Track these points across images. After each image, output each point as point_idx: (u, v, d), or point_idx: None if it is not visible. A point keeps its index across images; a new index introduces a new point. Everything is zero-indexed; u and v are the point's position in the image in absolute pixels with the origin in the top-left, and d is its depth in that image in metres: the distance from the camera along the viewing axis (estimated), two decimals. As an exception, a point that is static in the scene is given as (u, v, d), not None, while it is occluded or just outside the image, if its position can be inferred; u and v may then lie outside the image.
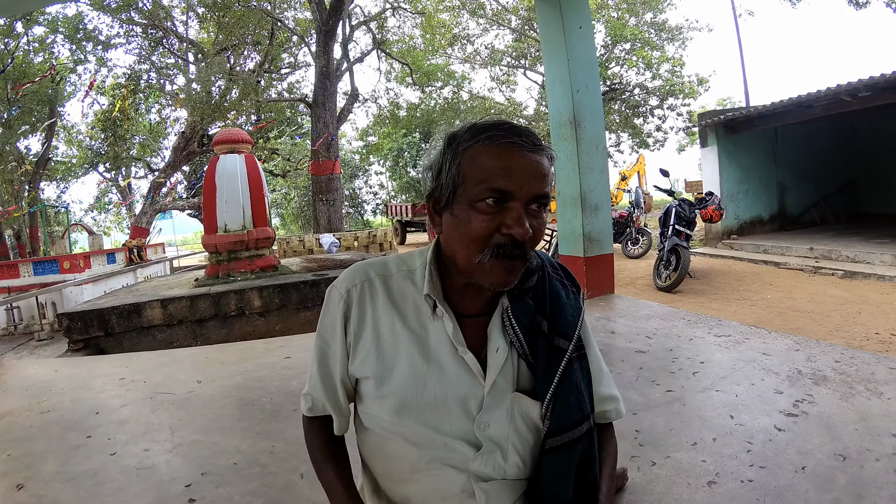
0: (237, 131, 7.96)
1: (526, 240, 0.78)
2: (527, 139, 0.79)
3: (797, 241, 9.54)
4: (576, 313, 0.89)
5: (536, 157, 0.79)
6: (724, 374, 3.01)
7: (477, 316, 0.87)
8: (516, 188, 0.77)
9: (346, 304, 0.90)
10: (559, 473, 0.84)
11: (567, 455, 0.84)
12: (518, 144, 0.79)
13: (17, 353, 8.30)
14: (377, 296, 0.90)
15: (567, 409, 0.83)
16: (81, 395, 3.44)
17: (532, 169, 0.78)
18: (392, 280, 0.91)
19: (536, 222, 0.79)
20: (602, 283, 5.16)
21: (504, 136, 0.79)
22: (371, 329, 0.88)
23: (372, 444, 0.90)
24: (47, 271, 11.51)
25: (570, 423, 0.83)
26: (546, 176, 0.80)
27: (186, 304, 6.02)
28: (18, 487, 2.24)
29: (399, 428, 0.85)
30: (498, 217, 0.78)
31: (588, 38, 5.02)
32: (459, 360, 0.84)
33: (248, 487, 2.12)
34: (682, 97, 22.41)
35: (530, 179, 0.78)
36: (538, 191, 0.78)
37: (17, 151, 18.11)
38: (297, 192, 27.91)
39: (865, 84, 7.54)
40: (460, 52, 24.81)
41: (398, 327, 0.87)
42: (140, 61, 18.02)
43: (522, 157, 0.78)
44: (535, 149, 0.80)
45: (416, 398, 0.84)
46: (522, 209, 0.78)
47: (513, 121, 0.85)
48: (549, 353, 0.84)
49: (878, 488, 1.83)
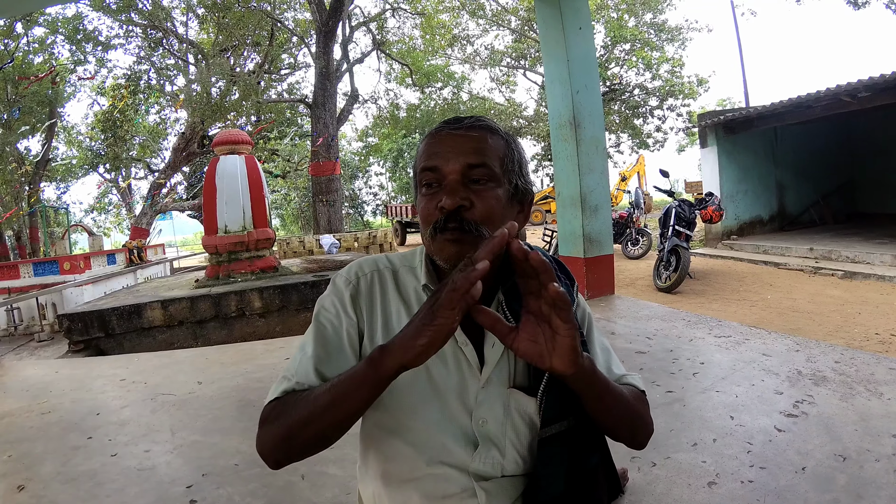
0: (237, 132, 7.97)
1: (458, 210, 0.79)
2: (458, 122, 0.83)
3: (797, 242, 9.54)
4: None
5: (467, 133, 0.82)
6: (724, 374, 3.01)
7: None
8: (442, 163, 0.81)
9: (355, 289, 0.90)
10: (551, 464, 0.84)
11: (558, 445, 0.84)
12: (449, 127, 0.83)
13: (18, 354, 8.29)
14: (387, 286, 0.91)
15: (558, 400, 0.83)
16: (82, 396, 3.44)
17: (458, 144, 0.81)
18: (399, 273, 0.93)
19: (476, 196, 0.80)
20: (602, 284, 5.16)
21: (440, 126, 0.84)
22: (381, 318, 0.88)
23: (372, 445, 0.90)
24: (47, 272, 11.51)
25: (560, 413, 0.83)
26: (478, 147, 0.81)
27: (187, 306, 6.02)
28: (19, 488, 2.24)
29: (397, 423, 0.85)
30: (437, 196, 0.81)
31: (588, 38, 5.03)
32: (458, 351, 0.85)
33: (248, 488, 2.12)
34: (681, 98, 22.44)
35: (456, 154, 0.80)
36: (467, 161, 0.79)
37: (17, 152, 18.12)
38: (297, 192, 27.90)
39: (865, 84, 7.54)
40: (460, 52, 24.85)
41: (404, 319, 0.87)
42: (140, 62, 18.06)
43: (449, 136, 0.82)
44: (467, 128, 0.82)
45: (415, 389, 0.84)
46: (456, 183, 0.80)
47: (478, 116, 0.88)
48: None
49: (877, 488, 1.83)
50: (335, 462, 2.28)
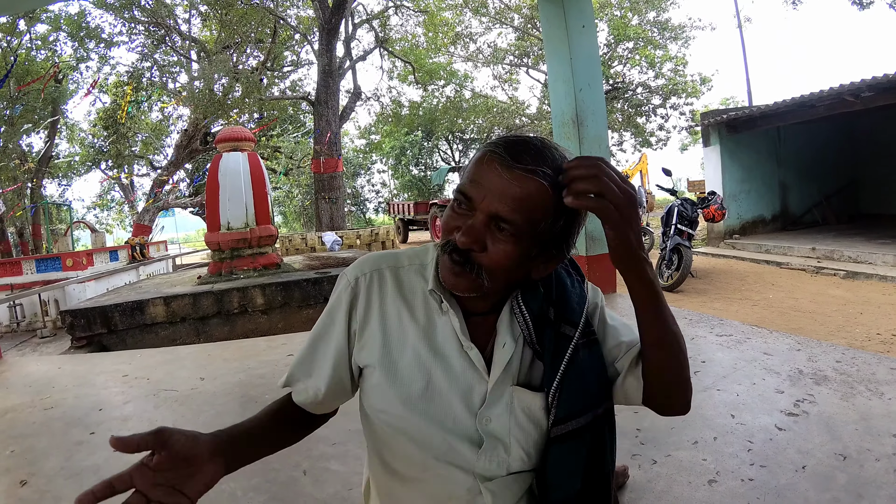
0: (240, 129, 7.97)
1: (466, 249, 0.76)
2: (513, 156, 0.74)
3: (799, 241, 9.53)
4: (581, 300, 0.88)
5: (515, 176, 0.73)
6: (725, 373, 3.02)
7: (485, 314, 0.87)
8: (477, 197, 0.75)
9: (353, 292, 0.90)
10: (566, 462, 0.83)
11: (574, 443, 0.83)
12: (500, 158, 0.74)
13: (20, 350, 8.32)
14: (386, 287, 0.90)
15: (574, 396, 0.82)
16: (84, 392, 3.46)
17: (500, 186, 0.74)
18: (403, 272, 0.92)
19: (493, 243, 0.76)
20: (604, 283, 5.16)
21: (496, 147, 0.76)
22: (378, 319, 0.88)
23: (377, 441, 0.91)
24: (50, 269, 11.52)
25: (576, 409, 0.83)
26: (516, 200, 0.73)
27: (189, 302, 6.03)
28: (22, 483, 2.25)
29: (402, 423, 0.85)
30: (461, 219, 0.77)
31: (591, 36, 5.02)
32: (464, 355, 0.85)
33: (250, 483, 2.13)
34: (684, 96, 22.38)
35: (493, 196, 0.74)
36: (495, 210, 0.74)
37: (20, 149, 18.15)
38: (300, 189, 27.92)
39: (868, 84, 7.52)
40: (463, 50, 24.78)
41: (406, 320, 0.87)
42: (143, 59, 18.06)
43: (495, 171, 0.74)
44: (518, 168, 0.73)
45: (421, 390, 0.84)
46: (480, 224, 0.75)
47: (536, 136, 0.81)
48: (556, 341, 0.84)
49: (877, 488, 1.84)
50: (337, 458, 2.29)
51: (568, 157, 0.77)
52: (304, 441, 0.98)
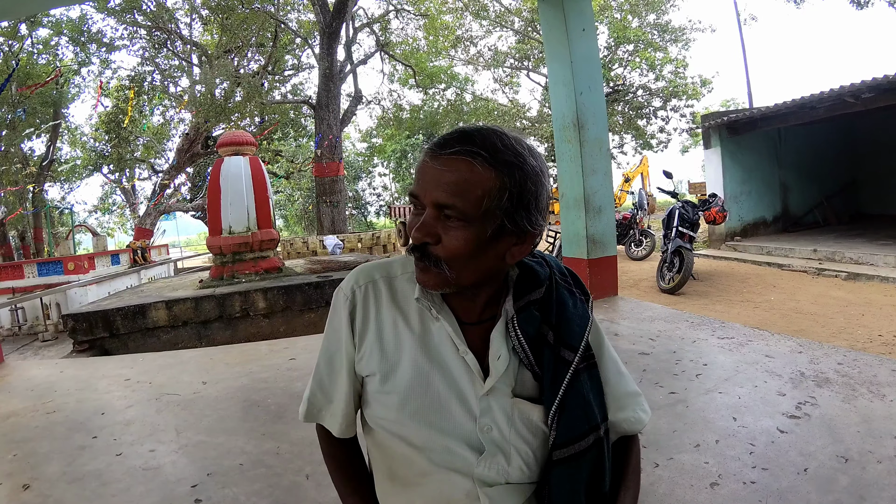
0: (241, 133, 8.00)
1: (422, 244, 0.79)
2: (440, 145, 0.78)
3: (800, 243, 9.51)
4: (583, 323, 0.88)
5: (443, 162, 0.76)
6: (727, 376, 3.01)
7: (478, 323, 0.88)
8: (421, 193, 0.79)
9: (352, 305, 0.91)
10: (568, 486, 0.84)
11: (575, 467, 0.83)
12: (430, 151, 0.79)
13: (22, 354, 8.33)
14: (381, 297, 0.91)
15: (573, 421, 0.83)
16: (86, 396, 3.46)
17: (435, 176, 0.77)
18: (396, 282, 0.93)
19: (446, 233, 0.78)
20: (605, 285, 5.16)
21: (429, 144, 0.81)
22: (374, 329, 0.89)
23: (377, 447, 0.91)
24: (51, 272, 11.56)
25: (577, 434, 0.83)
26: (450, 184, 0.75)
27: (191, 306, 6.04)
28: (24, 488, 2.26)
29: (402, 428, 0.85)
30: (417, 219, 0.80)
31: (591, 39, 5.03)
32: (461, 360, 0.85)
33: (253, 488, 2.13)
34: (685, 98, 22.39)
35: (431, 187, 0.77)
36: (435, 199, 0.77)
37: (22, 153, 18.20)
38: (301, 193, 27.97)
39: (868, 85, 7.52)
40: (463, 53, 24.84)
41: (401, 327, 0.88)
42: (144, 63, 18.13)
43: (427, 164, 0.79)
44: (449, 156, 0.76)
45: (419, 396, 0.85)
46: (430, 218, 0.78)
47: (482, 124, 0.83)
48: (555, 365, 0.84)
49: (879, 490, 1.84)
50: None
51: (520, 137, 0.80)
52: (307, 445, 0.99)
